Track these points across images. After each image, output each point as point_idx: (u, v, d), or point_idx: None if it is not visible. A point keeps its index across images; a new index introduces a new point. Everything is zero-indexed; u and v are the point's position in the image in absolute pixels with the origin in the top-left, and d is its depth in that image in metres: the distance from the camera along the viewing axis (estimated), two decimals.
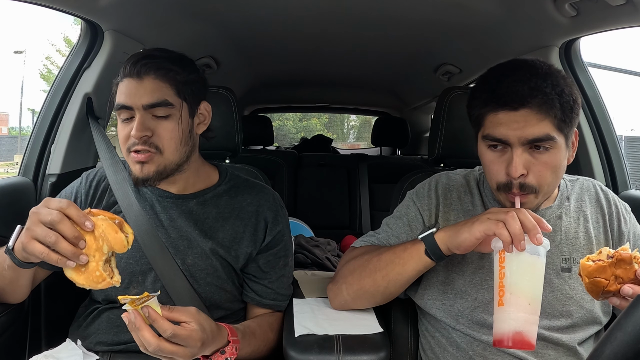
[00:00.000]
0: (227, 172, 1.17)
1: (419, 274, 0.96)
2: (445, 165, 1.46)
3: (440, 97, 1.39)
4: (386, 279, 0.97)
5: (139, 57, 1.02)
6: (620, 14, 1.15)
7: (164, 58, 1.02)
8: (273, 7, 1.59)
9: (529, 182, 0.88)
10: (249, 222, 1.09)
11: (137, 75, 0.99)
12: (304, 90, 3.46)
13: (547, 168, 0.88)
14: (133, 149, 0.99)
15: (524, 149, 0.87)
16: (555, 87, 0.85)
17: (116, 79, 1.04)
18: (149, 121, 0.99)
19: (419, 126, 3.72)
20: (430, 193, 1.05)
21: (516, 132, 0.86)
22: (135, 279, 1.04)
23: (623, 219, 1.02)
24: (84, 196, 1.10)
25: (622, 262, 0.75)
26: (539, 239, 0.78)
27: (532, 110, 0.85)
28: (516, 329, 0.76)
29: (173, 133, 1.01)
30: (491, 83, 0.90)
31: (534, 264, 0.79)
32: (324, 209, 2.77)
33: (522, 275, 0.78)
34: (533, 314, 0.77)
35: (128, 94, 0.99)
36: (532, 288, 0.78)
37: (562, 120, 0.86)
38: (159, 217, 1.07)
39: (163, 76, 1.00)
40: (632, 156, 9.14)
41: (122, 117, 1.01)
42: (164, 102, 1.00)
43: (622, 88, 12.51)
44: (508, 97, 0.86)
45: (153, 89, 0.99)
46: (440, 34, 1.78)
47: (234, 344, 0.92)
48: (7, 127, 19.38)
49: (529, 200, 0.90)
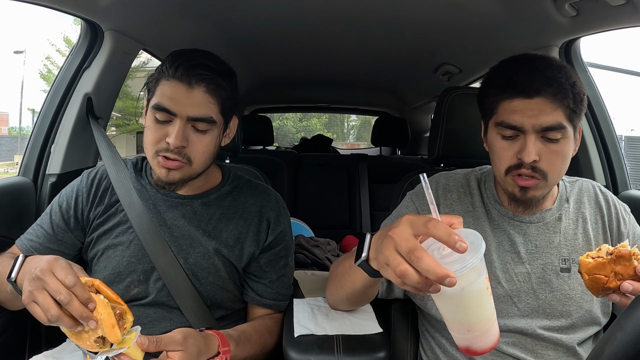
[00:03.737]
0: (230, 172, 1.17)
1: (374, 286, 0.94)
2: (445, 165, 1.46)
3: (440, 97, 1.39)
4: (344, 290, 0.97)
5: (192, 64, 0.97)
6: (620, 14, 1.15)
7: (218, 72, 0.99)
8: (273, 7, 1.59)
9: (541, 167, 0.89)
10: (252, 222, 1.09)
11: (187, 83, 0.96)
12: (304, 90, 3.46)
13: (557, 157, 0.89)
14: (163, 154, 0.98)
15: (537, 137, 0.89)
16: (568, 78, 0.87)
17: (158, 73, 0.99)
18: (187, 131, 0.98)
19: (419, 126, 3.73)
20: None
21: (531, 119, 0.87)
22: (137, 278, 1.04)
23: (622, 219, 1.02)
24: (85, 195, 1.10)
25: (622, 259, 0.75)
26: (435, 289, 0.62)
27: (547, 99, 0.86)
28: (463, 345, 0.72)
29: (207, 147, 1.01)
30: (507, 72, 0.91)
31: (457, 297, 0.65)
32: (324, 209, 2.77)
33: (449, 310, 0.69)
34: (474, 334, 0.69)
35: (175, 99, 0.96)
36: (465, 317, 0.68)
37: (573, 111, 0.88)
38: (162, 215, 1.07)
39: (213, 91, 0.98)
40: (632, 156, 9.14)
41: (159, 118, 0.98)
42: (209, 118, 0.98)
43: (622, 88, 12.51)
44: (525, 84, 0.87)
45: (201, 102, 0.97)
46: (440, 34, 1.78)
47: (224, 355, 0.91)
48: (7, 127, 19.39)
49: (538, 185, 0.91)
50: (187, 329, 0.89)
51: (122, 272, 1.04)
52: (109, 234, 1.07)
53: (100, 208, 1.08)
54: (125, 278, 1.04)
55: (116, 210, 1.08)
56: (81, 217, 1.08)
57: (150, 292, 1.04)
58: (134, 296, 1.03)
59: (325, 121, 16.73)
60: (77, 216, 1.08)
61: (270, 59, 2.36)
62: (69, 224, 1.08)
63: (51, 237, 1.07)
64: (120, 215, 1.07)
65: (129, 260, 1.04)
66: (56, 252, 1.06)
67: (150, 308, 1.04)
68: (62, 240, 1.07)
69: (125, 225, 1.06)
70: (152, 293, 1.04)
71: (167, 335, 0.84)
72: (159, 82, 0.99)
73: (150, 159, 1.01)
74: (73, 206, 1.08)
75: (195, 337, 0.88)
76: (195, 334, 0.88)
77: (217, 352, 0.91)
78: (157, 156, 0.99)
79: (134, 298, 1.03)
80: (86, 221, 1.08)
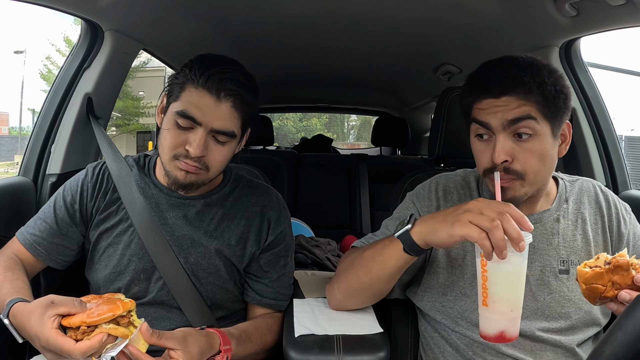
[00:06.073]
0: (231, 172, 1.17)
1: (402, 269, 0.95)
2: (445, 165, 1.46)
3: (441, 97, 1.39)
4: (369, 276, 0.97)
5: (224, 77, 0.96)
6: (620, 14, 1.15)
7: (247, 89, 0.99)
8: (273, 7, 1.59)
9: (514, 168, 0.89)
10: (254, 222, 1.10)
11: (215, 95, 0.95)
12: (304, 90, 3.46)
13: (532, 155, 0.89)
14: (184, 160, 0.98)
15: (506, 135, 0.89)
16: (535, 77, 0.87)
17: (184, 77, 0.98)
18: (208, 141, 0.98)
19: (419, 126, 3.72)
20: (431, 195, 1.05)
21: (497, 114, 0.89)
22: (137, 277, 1.04)
23: (623, 220, 1.02)
24: (90, 189, 1.09)
25: (619, 269, 0.75)
26: (521, 247, 0.76)
27: (512, 97, 0.88)
28: (499, 329, 0.79)
29: (225, 158, 1.02)
30: (476, 75, 0.94)
31: (515, 272, 0.79)
32: (324, 209, 2.77)
33: (503, 285, 0.79)
34: (515, 314, 0.80)
35: (202, 109, 0.95)
36: (514, 295, 0.79)
37: (544, 106, 0.88)
38: (163, 214, 1.07)
39: (239, 107, 0.98)
40: (632, 156, 9.14)
41: (181, 124, 0.97)
42: (231, 133, 0.99)
43: (622, 88, 12.51)
44: (490, 85, 0.89)
45: (227, 116, 0.97)
46: (441, 34, 1.78)
47: (225, 353, 0.91)
48: (7, 127, 19.40)
49: (514, 186, 0.91)
50: (188, 328, 0.90)
51: (122, 270, 1.04)
52: (110, 232, 1.07)
53: (102, 204, 1.08)
54: (125, 277, 1.04)
55: (117, 208, 1.08)
56: (85, 211, 1.08)
57: (150, 291, 1.04)
58: (134, 295, 1.04)
59: (325, 121, 16.72)
60: (82, 211, 1.08)
61: (270, 59, 2.35)
62: (74, 218, 1.07)
63: (55, 232, 1.06)
64: (122, 214, 1.07)
65: (130, 259, 1.04)
66: (60, 246, 1.07)
67: (150, 307, 1.04)
68: (66, 235, 1.07)
69: (126, 223, 1.06)
70: (153, 292, 1.04)
71: (169, 332, 0.85)
72: (185, 87, 0.97)
73: (166, 161, 1.01)
74: (78, 200, 1.08)
75: (196, 336, 0.88)
76: (195, 334, 0.88)
77: (219, 350, 0.91)
78: (176, 160, 0.99)
79: (134, 297, 1.03)
80: (89, 216, 1.08)
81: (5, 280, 0.94)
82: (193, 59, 1.01)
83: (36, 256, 1.05)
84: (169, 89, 1.02)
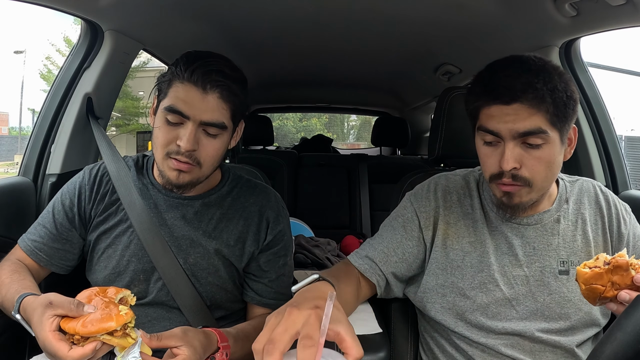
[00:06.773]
0: (229, 172, 1.17)
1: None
2: (445, 165, 1.46)
3: (441, 97, 1.39)
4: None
5: (208, 69, 0.96)
6: (620, 14, 1.15)
7: (233, 79, 0.99)
8: (273, 7, 1.59)
9: (522, 174, 0.88)
10: (252, 222, 1.10)
11: (202, 88, 0.95)
12: (304, 90, 3.46)
13: (540, 163, 0.88)
14: (175, 157, 0.98)
15: (515, 143, 0.88)
16: (547, 83, 0.85)
17: (171, 74, 0.98)
18: (198, 135, 0.98)
19: (419, 126, 3.73)
20: (429, 195, 1.05)
21: (507, 124, 0.86)
22: (137, 277, 1.04)
23: (623, 220, 1.02)
24: (87, 192, 1.09)
25: (619, 269, 0.75)
26: None
27: (524, 105, 0.85)
28: None
29: (217, 152, 1.01)
30: (484, 78, 0.91)
31: None
32: (324, 209, 2.77)
33: None
34: None
35: (189, 103, 0.96)
36: None
37: (554, 115, 0.86)
38: (162, 215, 1.07)
39: (227, 98, 0.98)
40: (632, 156, 9.14)
41: (171, 120, 0.97)
42: (221, 124, 0.99)
43: (622, 88, 12.51)
44: (500, 91, 0.87)
45: (214, 108, 0.97)
46: (441, 34, 1.78)
47: (224, 350, 0.91)
48: (7, 127, 19.40)
49: (521, 192, 0.90)
50: (186, 326, 0.90)
51: (122, 271, 1.04)
52: (109, 233, 1.07)
53: (101, 206, 1.08)
54: (125, 277, 1.04)
55: (117, 209, 1.08)
56: (84, 214, 1.08)
57: (150, 291, 1.04)
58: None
59: (325, 121, 16.73)
60: (81, 214, 1.08)
61: (270, 59, 2.35)
62: (73, 222, 1.07)
63: (55, 237, 1.06)
64: (121, 214, 1.07)
65: (129, 260, 1.04)
66: (61, 251, 1.06)
67: (149, 307, 1.04)
68: (66, 239, 1.07)
69: (125, 224, 1.06)
70: (152, 293, 1.04)
71: (167, 331, 0.84)
72: (172, 84, 0.98)
73: (160, 160, 1.01)
74: (76, 203, 1.08)
75: (195, 331, 0.88)
76: (193, 329, 0.89)
77: (217, 347, 0.91)
78: (168, 158, 0.99)
79: None
80: (88, 218, 1.08)
81: (13, 282, 0.95)
82: (179, 57, 1.01)
83: (38, 262, 1.05)
84: (158, 88, 1.02)
